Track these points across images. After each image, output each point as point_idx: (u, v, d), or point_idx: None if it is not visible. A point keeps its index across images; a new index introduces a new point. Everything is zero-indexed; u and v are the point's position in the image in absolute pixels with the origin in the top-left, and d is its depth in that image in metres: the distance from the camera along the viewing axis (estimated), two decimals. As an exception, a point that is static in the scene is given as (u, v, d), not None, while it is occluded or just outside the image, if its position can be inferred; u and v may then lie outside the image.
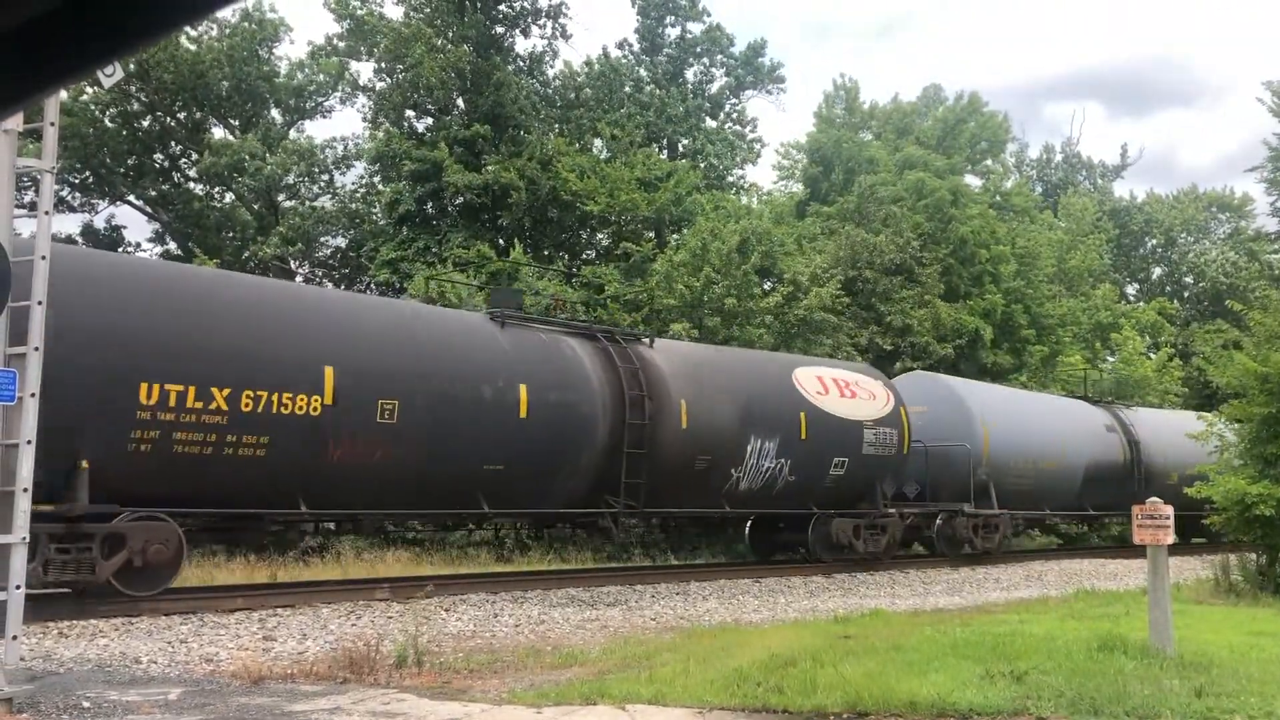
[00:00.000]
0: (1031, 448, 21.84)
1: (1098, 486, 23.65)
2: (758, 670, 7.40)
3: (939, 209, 31.81)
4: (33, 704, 6.44)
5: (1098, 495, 23.81)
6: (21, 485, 6.43)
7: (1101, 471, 23.81)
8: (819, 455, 17.38)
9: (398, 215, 30.10)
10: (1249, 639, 9.40)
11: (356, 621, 10.59)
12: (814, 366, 18.67)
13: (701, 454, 15.65)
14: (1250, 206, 50.89)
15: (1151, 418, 26.68)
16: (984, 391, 23.04)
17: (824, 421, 17.40)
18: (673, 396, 15.40)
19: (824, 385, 17.88)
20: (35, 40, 1.16)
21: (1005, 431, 21.02)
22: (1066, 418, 24.01)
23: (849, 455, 17.71)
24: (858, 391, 18.34)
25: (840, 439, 17.62)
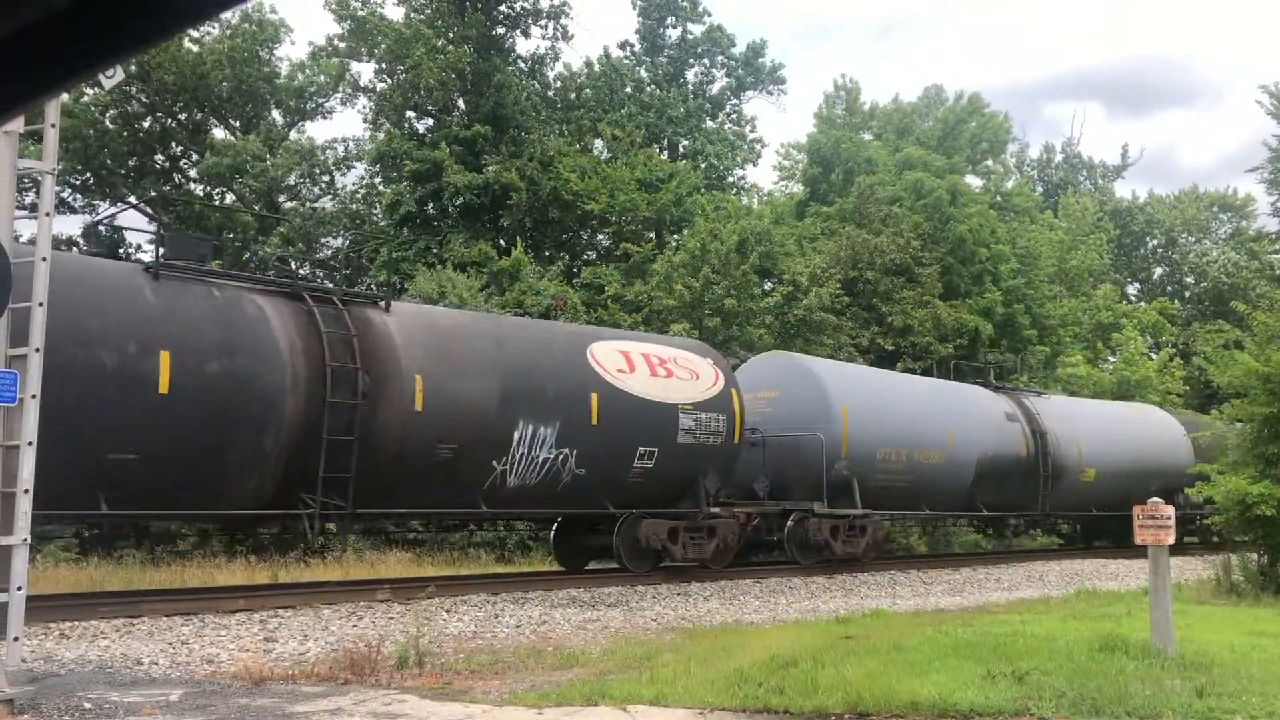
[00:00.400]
0: (905, 437, 18.93)
1: (994, 483, 20.89)
2: (759, 671, 7.40)
3: (937, 208, 31.81)
4: (34, 705, 6.44)
5: (994, 493, 21.13)
6: (23, 487, 6.43)
7: (999, 466, 20.91)
8: (618, 445, 14.55)
9: (398, 216, 30.11)
10: (1250, 639, 9.39)
11: (358, 622, 10.59)
12: (621, 340, 15.92)
13: (444, 442, 12.74)
14: (1252, 207, 50.91)
15: (1066, 407, 24.43)
16: (847, 373, 20.31)
17: (624, 404, 14.60)
18: (404, 370, 12.50)
19: (629, 362, 15.12)
20: (37, 44, 1.16)
21: (871, 418, 18.26)
22: (955, 404, 20.99)
23: (659, 445, 14.93)
24: (675, 370, 15.66)
25: (647, 425, 14.85)
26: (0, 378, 6.35)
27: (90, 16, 1.15)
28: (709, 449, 15.64)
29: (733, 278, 26.01)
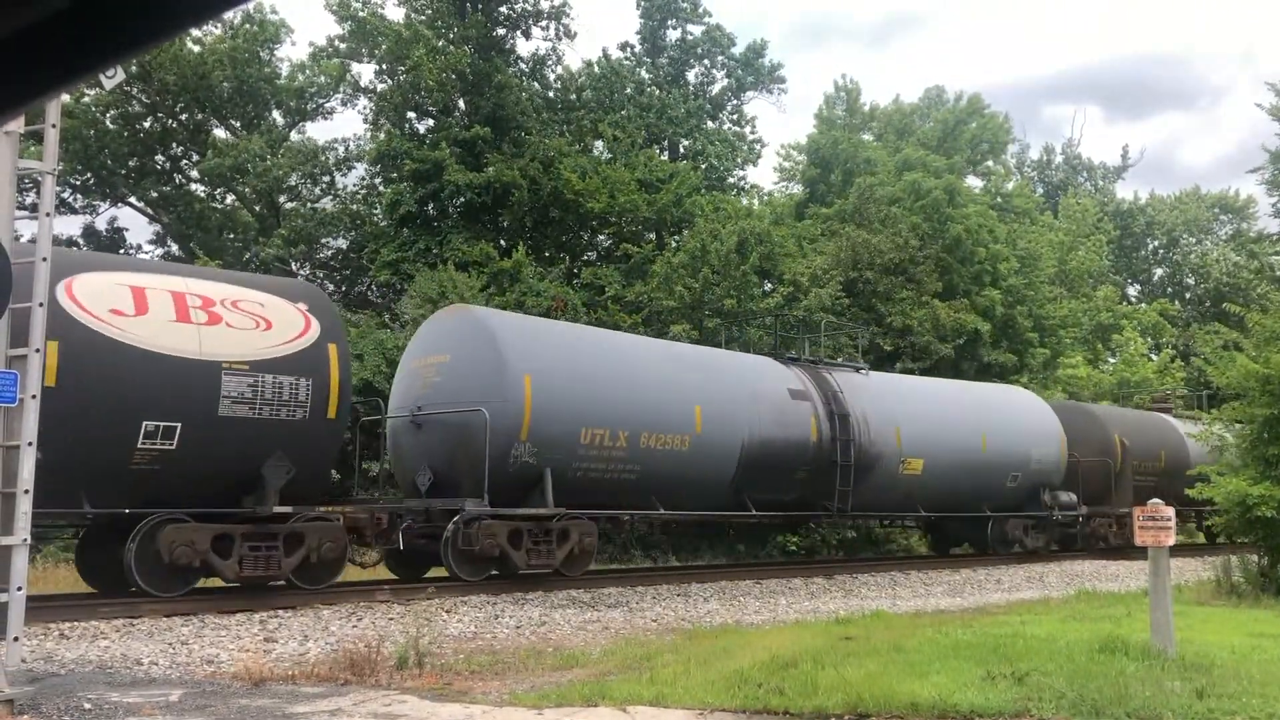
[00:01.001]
0: (628, 416, 14.73)
1: (770, 476, 16.89)
2: (759, 672, 7.40)
3: (935, 208, 31.80)
4: (34, 705, 6.44)
5: (770, 488, 17.19)
6: (23, 487, 6.44)
7: (776, 455, 16.80)
8: (106, 417, 10.51)
9: (398, 216, 30.11)
10: (1250, 640, 9.39)
11: (357, 623, 10.60)
12: (138, 274, 11.52)
13: None
14: (1253, 208, 50.94)
15: (887, 385, 20.39)
16: (543, 331, 15.57)
17: (115, 360, 10.57)
18: None
19: (141, 300, 11.01)
20: (38, 44, 1.16)
21: (572, 390, 14.23)
22: (711, 376, 16.63)
23: (189, 418, 10.95)
24: (229, 315, 11.53)
25: (166, 391, 10.87)
26: (0, 378, 6.35)
27: (91, 17, 1.15)
28: (279, 425, 11.56)
29: (733, 278, 26.01)
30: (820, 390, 18.25)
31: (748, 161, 38.81)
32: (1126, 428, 25.40)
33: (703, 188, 33.24)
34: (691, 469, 15.71)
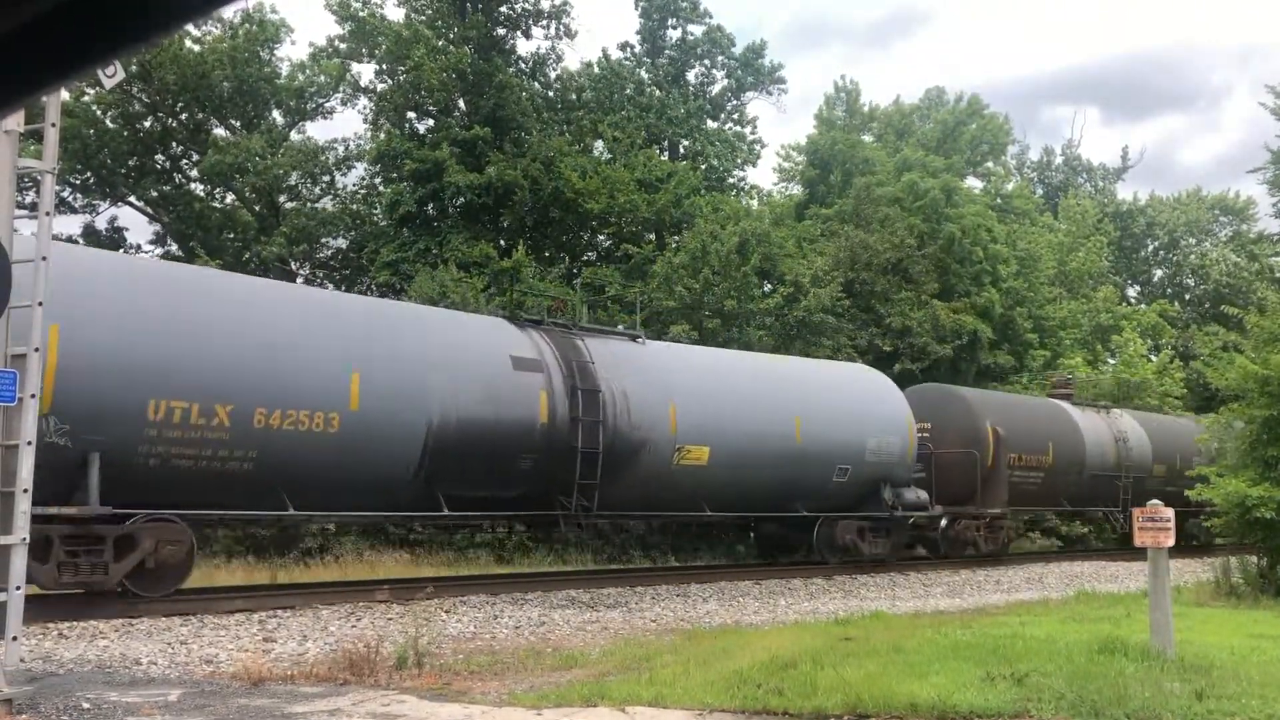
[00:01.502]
0: (233, 383, 11.32)
1: (476, 467, 13.49)
2: (758, 672, 7.40)
3: (933, 208, 31.79)
4: (33, 705, 6.44)
5: (478, 483, 13.78)
6: (21, 486, 6.44)
7: (485, 440, 13.42)
8: None
9: (398, 216, 30.11)
10: (1250, 641, 9.39)
11: (356, 623, 10.60)
12: None
13: None
14: (1253, 209, 50.97)
15: (666, 357, 16.71)
16: (83, 266, 11.33)
17: None
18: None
19: None
20: (36, 38, 1.16)
21: (124, 345, 10.72)
22: (377, 336, 12.96)
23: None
24: None
25: None
26: (0, 377, 6.35)
27: (90, 12, 1.15)
28: None
29: (733, 279, 26.01)
30: (563, 360, 14.71)
31: (747, 162, 38.83)
32: (1004, 415, 22.11)
33: (702, 188, 33.24)
34: (347, 456, 12.19)
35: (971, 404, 22.01)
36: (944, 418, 21.08)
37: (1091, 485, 24.10)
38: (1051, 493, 23.34)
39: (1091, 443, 24.12)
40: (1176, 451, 25.54)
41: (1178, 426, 27.64)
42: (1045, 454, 22.72)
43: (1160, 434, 26.57)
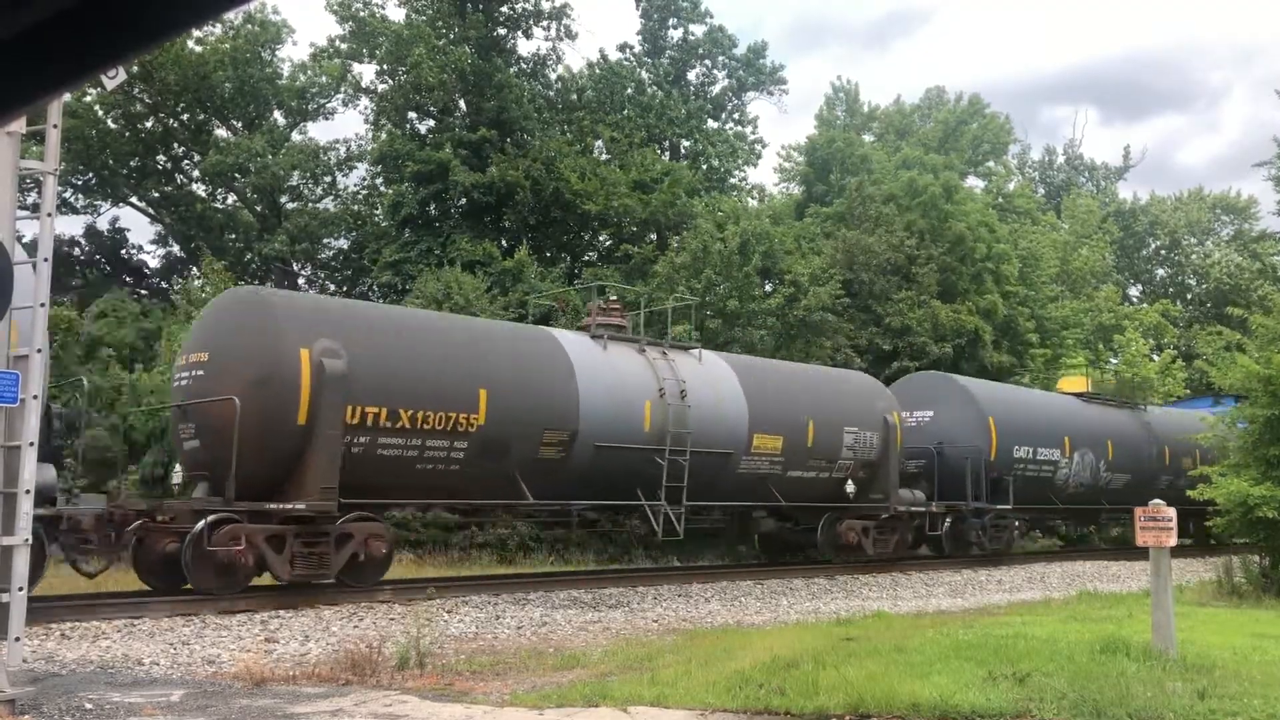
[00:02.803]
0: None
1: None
2: (760, 672, 7.40)
3: (933, 205, 31.73)
4: (35, 706, 6.44)
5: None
6: (24, 487, 6.44)
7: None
8: None
9: (400, 217, 30.12)
10: (1252, 641, 9.38)
11: (358, 623, 10.60)
12: None
13: None
14: (1255, 209, 50.94)
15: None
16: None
17: None
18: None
19: None
20: (40, 43, 1.16)
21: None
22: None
23: None
24: None
25: None
26: (1, 378, 6.35)
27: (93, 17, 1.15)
28: None
29: (735, 279, 26.00)
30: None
31: (748, 162, 38.84)
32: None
33: (702, 189, 33.23)
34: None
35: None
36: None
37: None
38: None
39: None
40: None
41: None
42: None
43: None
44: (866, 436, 18.69)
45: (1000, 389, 23.99)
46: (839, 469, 18.40)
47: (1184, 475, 23.35)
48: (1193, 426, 22.90)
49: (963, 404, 21.14)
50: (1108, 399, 26.20)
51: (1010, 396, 23.43)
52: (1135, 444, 25.01)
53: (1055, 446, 22.47)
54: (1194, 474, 18.61)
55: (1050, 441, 22.39)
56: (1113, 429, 24.70)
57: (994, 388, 23.71)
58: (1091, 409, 24.82)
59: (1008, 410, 21.90)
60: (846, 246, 29.25)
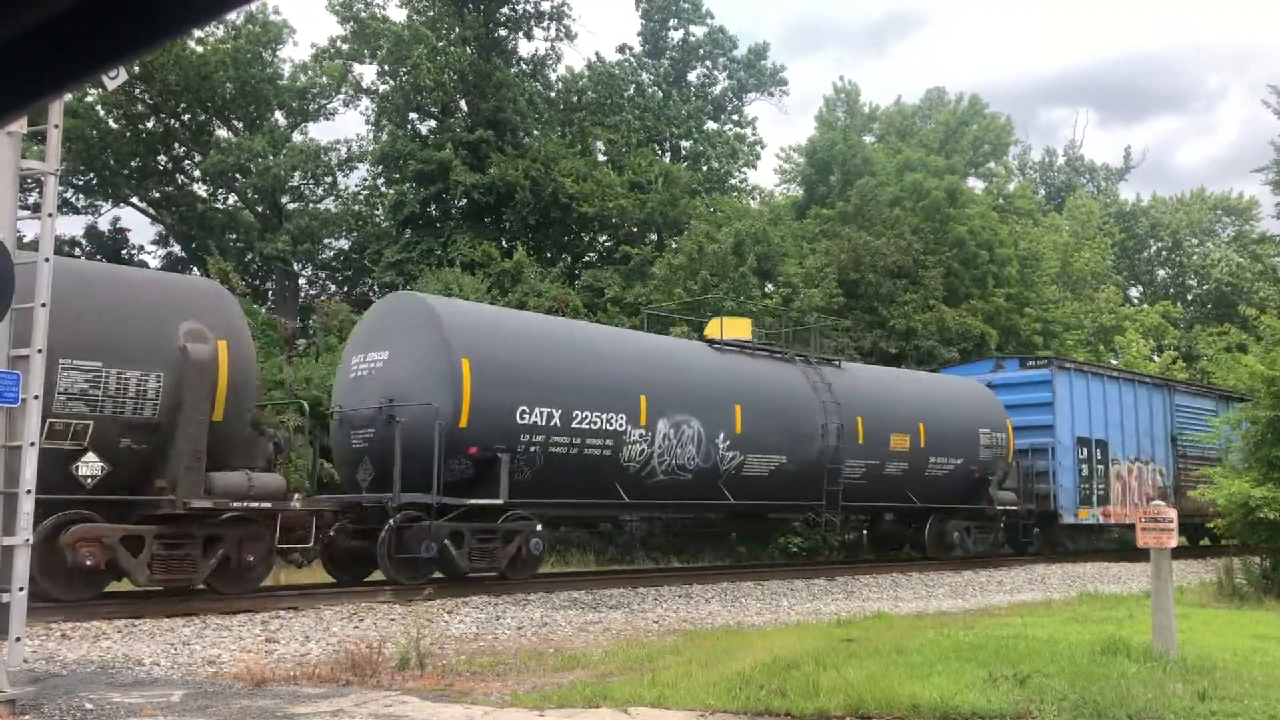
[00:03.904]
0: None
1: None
2: (760, 673, 7.39)
3: (936, 209, 31.74)
4: (35, 706, 6.44)
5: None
6: (25, 487, 6.44)
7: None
8: None
9: (401, 217, 30.14)
10: (1252, 643, 9.38)
11: (359, 624, 10.60)
12: None
13: None
14: (1255, 210, 50.93)
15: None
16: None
17: None
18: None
19: None
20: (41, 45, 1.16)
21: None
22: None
23: None
24: None
25: None
26: (2, 378, 6.35)
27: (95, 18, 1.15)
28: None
29: (731, 280, 25.99)
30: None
31: (748, 164, 38.82)
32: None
33: (701, 189, 33.22)
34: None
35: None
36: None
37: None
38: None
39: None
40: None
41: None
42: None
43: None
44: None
45: (500, 316, 16.05)
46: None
47: (899, 461, 19.26)
48: (940, 395, 21.10)
49: (427, 339, 13.57)
50: (760, 347, 18.68)
51: (517, 328, 15.03)
52: (797, 413, 17.38)
53: (618, 410, 14.81)
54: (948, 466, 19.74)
55: (605, 403, 14.67)
56: (755, 390, 17.05)
57: (487, 313, 15.91)
58: (722, 359, 17.31)
59: (508, 350, 14.03)
60: (852, 247, 29.22)
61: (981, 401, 21.52)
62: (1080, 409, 22.86)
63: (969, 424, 20.64)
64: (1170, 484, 24.80)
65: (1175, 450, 25.40)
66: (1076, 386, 23.02)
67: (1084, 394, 23.11)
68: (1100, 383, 23.96)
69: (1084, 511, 22.47)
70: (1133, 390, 24.79)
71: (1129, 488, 23.78)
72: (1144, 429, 24.68)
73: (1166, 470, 25.10)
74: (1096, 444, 23.06)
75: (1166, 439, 25.35)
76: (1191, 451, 25.17)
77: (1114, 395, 24.03)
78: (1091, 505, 22.68)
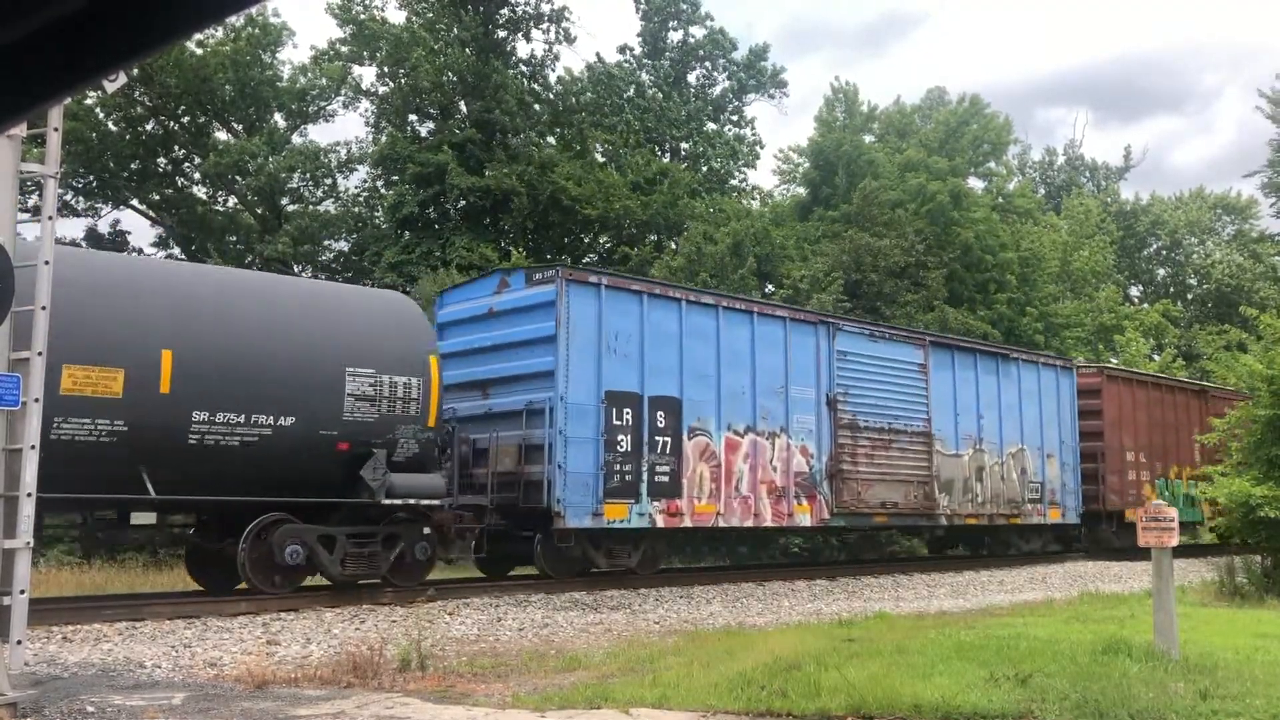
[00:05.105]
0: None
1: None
2: (761, 673, 7.39)
3: (941, 212, 31.73)
4: (37, 709, 6.44)
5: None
6: (25, 490, 6.44)
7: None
8: None
9: (400, 219, 30.14)
10: (1254, 641, 9.37)
11: (360, 625, 10.60)
12: None
13: None
14: (1255, 209, 50.93)
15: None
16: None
17: None
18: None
19: None
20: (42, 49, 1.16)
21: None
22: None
23: None
24: None
25: None
26: (2, 381, 6.35)
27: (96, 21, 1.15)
28: None
29: (730, 281, 25.99)
30: None
31: (748, 164, 38.82)
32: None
33: (701, 190, 33.21)
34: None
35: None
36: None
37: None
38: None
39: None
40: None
41: None
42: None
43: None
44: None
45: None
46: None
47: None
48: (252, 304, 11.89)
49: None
50: None
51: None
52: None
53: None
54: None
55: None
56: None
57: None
58: None
59: None
60: (854, 248, 29.22)
61: (371, 324, 12.78)
62: (625, 349, 14.69)
63: (322, 358, 11.93)
64: (821, 467, 17.11)
65: (835, 418, 17.37)
66: (615, 313, 14.65)
67: (634, 326, 14.80)
68: (674, 309, 15.37)
69: (615, 509, 14.36)
70: (748, 325, 16.28)
71: (733, 472, 15.77)
72: (770, 385, 16.44)
73: (818, 447, 17.08)
74: (657, 404, 14.90)
75: (819, 401, 17.18)
76: (866, 420, 17.91)
77: (704, 330, 15.67)
78: (637, 498, 14.57)
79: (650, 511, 14.70)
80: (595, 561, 15.00)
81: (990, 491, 20.35)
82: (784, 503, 16.52)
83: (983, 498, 20.15)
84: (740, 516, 15.87)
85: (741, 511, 15.87)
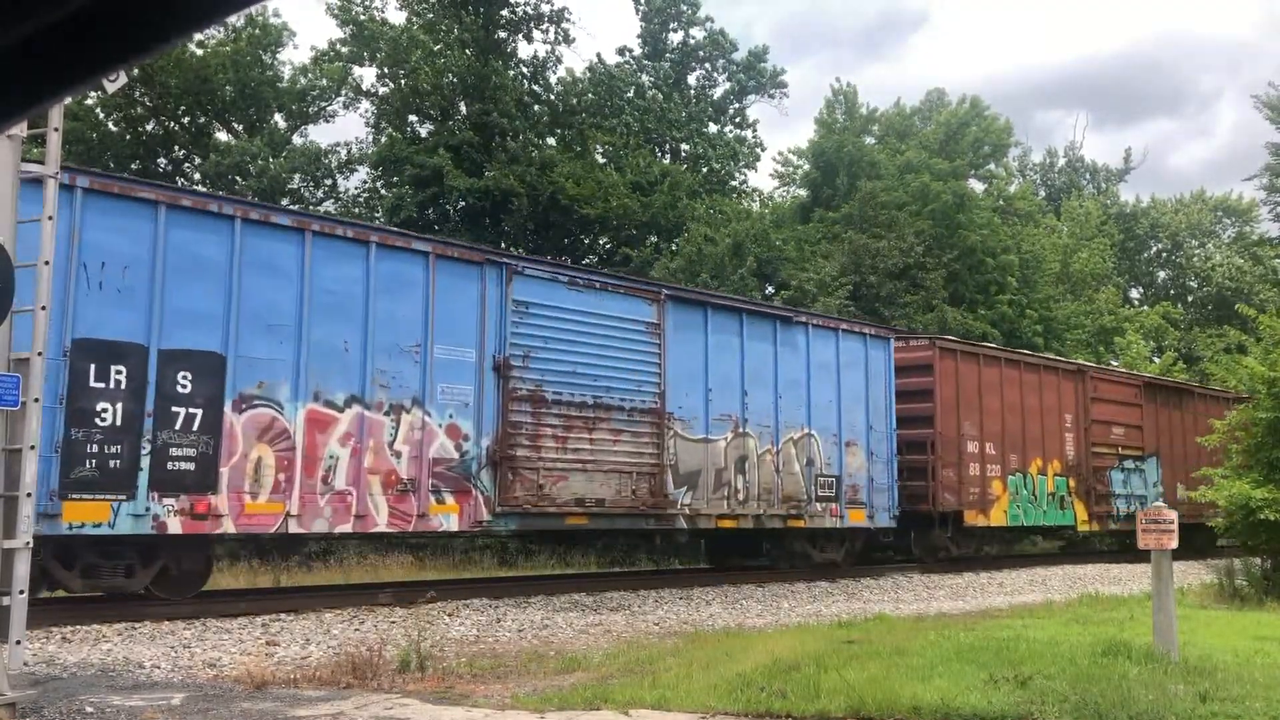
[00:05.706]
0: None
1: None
2: (761, 675, 7.39)
3: (944, 214, 31.72)
4: (36, 709, 6.44)
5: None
6: (25, 490, 6.44)
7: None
8: None
9: (399, 220, 30.12)
10: (1254, 644, 9.37)
11: (359, 626, 10.60)
12: None
13: None
14: (1256, 211, 50.94)
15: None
16: None
17: None
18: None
19: None
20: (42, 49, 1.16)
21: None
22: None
23: None
24: None
25: None
26: (2, 381, 6.35)
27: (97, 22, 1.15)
28: None
29: (731, 283, 25.99)
30: None
31: (748, 165, 38.81)
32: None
33: (701, 191, 33.21)
34: None
35: None
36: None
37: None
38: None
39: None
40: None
41: None
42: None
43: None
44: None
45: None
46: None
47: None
48: None
49: None
50: None
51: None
52: None
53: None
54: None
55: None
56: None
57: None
58: None
59: None
60: (854, 249, 29.21)
61: None
62: (123, 282, 10.43)
63: None
64: (479, 452, 12.96)
65: (506, 388, 13.15)
66: (107, 229, 10.34)
67: (144, 250, 10.59)
68: (223, 231, 11.15)
69: (84, 507, 10.07)
70: (362, 261, 12.15)
71: (318, 458, 11.58)
72: (396, 342, 12.31)
73: (476, 426, 12.90)
74: (176, 361, 10.67)
75: (482, 366, 13.03)
76: (557, 392, 13.66)
77: (277, 263, 11.47)
78: (131, 493, 10.29)
79: (157, 511, 10.42)
80: (65, 584, 10.51)
81: (759, 487, 16.03)
82: (412, 500, 12.28)
83: (746, 495, 15.85)
84: (332, 519, 11.61)
85: (335, 513, 11.62)
